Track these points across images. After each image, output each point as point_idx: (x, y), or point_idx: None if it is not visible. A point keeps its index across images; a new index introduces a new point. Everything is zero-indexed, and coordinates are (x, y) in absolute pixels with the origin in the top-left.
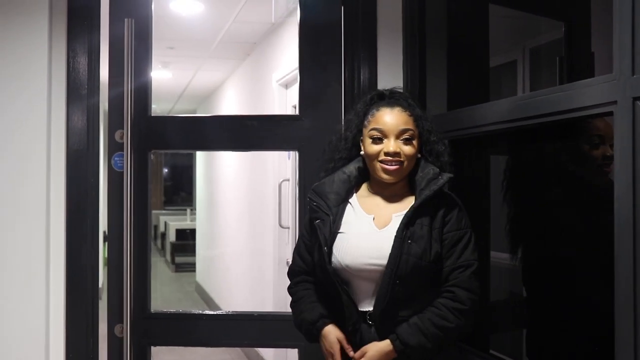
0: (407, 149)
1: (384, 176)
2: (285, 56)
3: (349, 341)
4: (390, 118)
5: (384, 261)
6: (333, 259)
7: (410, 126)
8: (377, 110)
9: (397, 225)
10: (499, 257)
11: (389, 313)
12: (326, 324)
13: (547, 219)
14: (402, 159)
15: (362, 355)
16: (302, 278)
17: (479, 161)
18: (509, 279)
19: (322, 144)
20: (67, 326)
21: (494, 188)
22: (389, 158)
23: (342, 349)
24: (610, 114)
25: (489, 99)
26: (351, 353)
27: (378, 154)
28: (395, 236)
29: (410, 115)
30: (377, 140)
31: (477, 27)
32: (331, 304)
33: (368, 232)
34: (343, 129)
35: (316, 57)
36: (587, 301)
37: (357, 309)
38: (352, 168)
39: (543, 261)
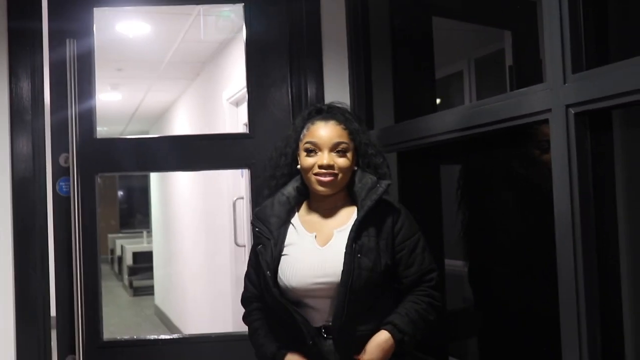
0: (341, 162)
1: (319, 188)
2: (235, 74)
3: (311, 356)
4: (324, 131)
5: (329, 278)
6: (279, 282)
7: (344, 139)
8: (312, 124)
9: (339, 241)
10: (454, 264)
11: (347, 327)
12: (284, 355)
13: (501, 224)
14: (335, 171)
15: (364, 353)
16: (255, 306)
17: (428, 171)
18: (464, 286)
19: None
20: (18, 358)
21: (446, 197)
22: (323, 171)
23: None
24: (546, 121)
25: (436, 109)
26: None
27: (312, 166)
28: (345, 252)
29: (345, 129)
30: (311, 153)
31: (421, 40)
32: (287, 325)
33: (310, 251)
34: (283, 144)
35: (263, 74)
36: (539, 304)
37: (313, 326)
38: (290, 189)
39: (497, 266)
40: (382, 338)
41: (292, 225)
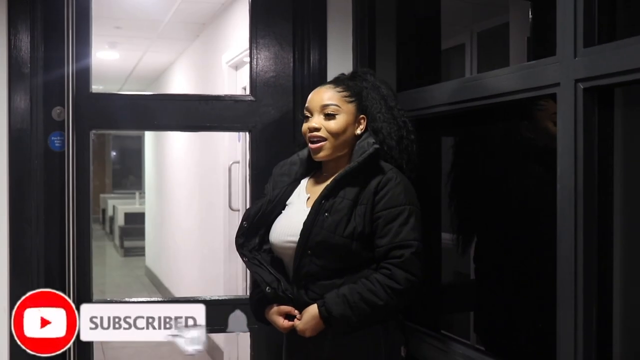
0: (329, 124)
1: (313, 155)
2: (235, 37)
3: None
4: (315, 95)
5: (296, 237)
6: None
7: (334, 101)
8: (313, 90)
9: None
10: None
11: (300, 285)
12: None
13: (499, 198)
14: (323, 135)
15: (300, 318)
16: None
17: (429, 142)
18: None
19: (274, 126)
20: (10, 312)
21: (446, 170)
22: (311, 134)
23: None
24: (554, 95)
25: (440, 81)
26: (295, 312)
27: (306, 132)
28: (311, 207)
29: (340, 92)
30: (306, 119)
31: (427, 9)
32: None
33: (296, 211)
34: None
35: (267, 38)
36: (537, 280)
37: (271, 276)
38: (305, 151)
39: (500, 241)
40: (311, 311)
41: (300, 184)
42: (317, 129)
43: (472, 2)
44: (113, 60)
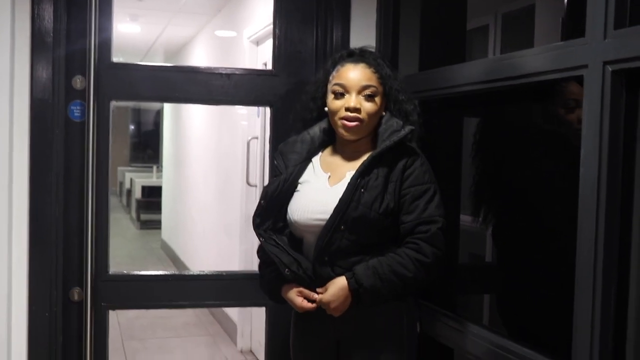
0: (369, 106)
1: (344, 133)
2: (257, 12)
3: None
4: (353, 73)
5: (328, 215)
6: (287, 216)
7: (373, 83)
8: (342, 66)
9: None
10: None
11: (325, 259)
12: (280, 287)
13: (520, 181)
14: (361, 116)
15: (325, 291)
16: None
17: (449, 123)
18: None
19: (296, 101)
20: (30, 279)
21: (466, 150)
22: (349, 114)
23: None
24: (581, 78)
25: (464, 62)
26: (315, 296)
27: (339, 109)
28: (349, 183)
29: (374, 72)
30: (339, 96)
31: None
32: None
33: (319, 189)
34: (313, 88)
35: (290, 13)
36: (557, 264)
37: (289, 256)
38: (316, 129)
39: (517, 225)
40: (339, 283)
41: (312, 163)
42: (358, 110)
43: None
44: (134, 33)
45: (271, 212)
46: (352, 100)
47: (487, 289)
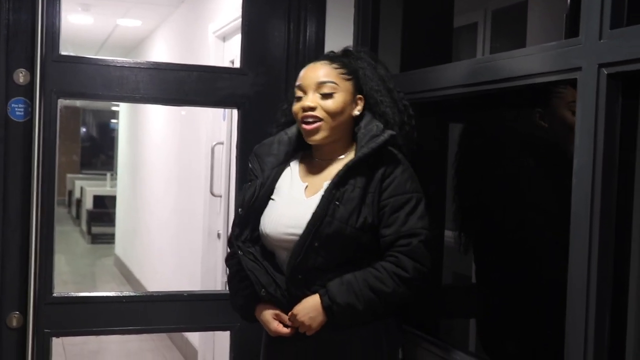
0: (327, 104)
1: (307, 137)
2: (224, 5)
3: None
4: (309, 72)
5: (301, 230)
6: (260, 227)
7: (332, 78)
8: (305, 67)
9: None
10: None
11: (299, 281)
12: (254, 309)
13: (509, 198)
14: (319, 114)
15: (294, 318)
16: (236, 249)
17: (433, 129)
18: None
19: (266, 102)
20: None
21: (451, 160)
22: (306, 114)
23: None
24: (574, 80)
25: (451, 62)
26: (287, 323)
27: (298, 112)
28: (322, 196)
29: (337, 68)
30: (299, 99)
31: None
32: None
33: (295, 201)
34: (290, 93)
35: (261, 6)
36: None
37: (266, 276)
38: (294, 129)
39: (506, 241)
40: (311, 301)
41: (290, 168)
42: (313, 108)
43: None
44: (87, 24)
45: (248, 221)
46: (307, 99)
47: (473, 312)
